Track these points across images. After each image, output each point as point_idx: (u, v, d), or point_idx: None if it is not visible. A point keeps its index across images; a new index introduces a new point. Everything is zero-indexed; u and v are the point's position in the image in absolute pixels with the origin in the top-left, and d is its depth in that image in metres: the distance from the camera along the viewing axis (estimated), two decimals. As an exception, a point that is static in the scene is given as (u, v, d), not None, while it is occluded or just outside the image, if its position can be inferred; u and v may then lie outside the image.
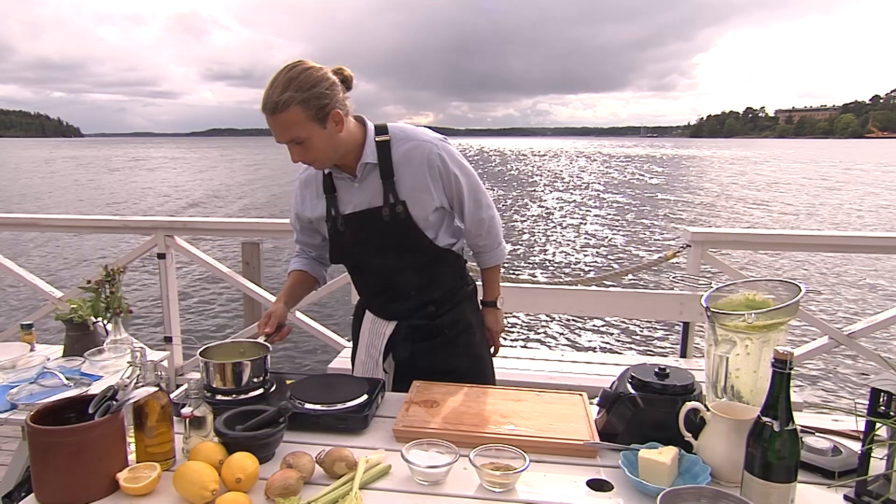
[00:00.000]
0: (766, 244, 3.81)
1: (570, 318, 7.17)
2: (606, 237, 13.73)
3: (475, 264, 1.93)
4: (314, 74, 1.47)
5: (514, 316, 7.11)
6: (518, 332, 6.92)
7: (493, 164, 46.99)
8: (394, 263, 1.71)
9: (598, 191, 24.86)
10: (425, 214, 1.64)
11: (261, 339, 1.64)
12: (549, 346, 6.56)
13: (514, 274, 9.50)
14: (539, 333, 6.97)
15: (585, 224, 15.58)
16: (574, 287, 3.51)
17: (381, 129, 1.64)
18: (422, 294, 1.76)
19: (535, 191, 24.89)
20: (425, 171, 1.63)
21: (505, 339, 2.03)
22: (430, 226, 1.67)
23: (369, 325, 1.83)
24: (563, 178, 31.93)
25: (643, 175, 35.11)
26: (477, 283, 1.92)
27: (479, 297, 1.93)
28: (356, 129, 1.62)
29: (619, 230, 14.73)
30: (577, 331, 7.00)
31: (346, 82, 1.56)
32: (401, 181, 1.62)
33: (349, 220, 1.68)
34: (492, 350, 1.95)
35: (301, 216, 1.80)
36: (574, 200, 21.21)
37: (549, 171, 39.10)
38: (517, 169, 41.35)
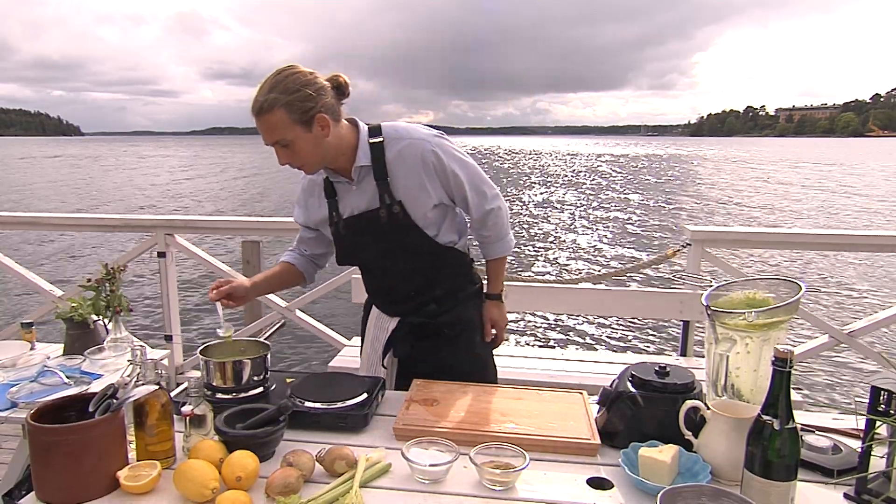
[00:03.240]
0: (767, 243, 3.81)
1: (570, 316, 7.17)
2: (606, 236, 13.73)
3: (481, 264, 1.91)
4: (301, 79, 1.49)
5: (514, 314, 7.11)
6: (518, 331, 6.92)
7: (493, 163, 46.97)
8: (394, 264, 1.72)
9: (598, 190, 24.84)
10: (423, 212, 1.64)
11: (211, 296, 1.65)
12: (549, 345, 6.56)
13: (514, 272, 9.50)
14: (539, 332, 6.97)
15: (585, 222, 15.58)
16: (574, 285, 3.51)
17: (375, 131, 1.64)
18: (422, 293, 1.76)
19: (534, 190, 24.89)
20: (420, 169, 1.62)
21: (507, 337, 2.02)
22: (430, 223, 1.66)
23: (374, 319, 1.86)
24: (563, 177, 31.91)
25: (643, 174, 35.10)
26: (484, 281, 1.91)
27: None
28: (349, 133, 1.62)
29: (619, 229, 14.72)
30: (577, 329, 6.99)
31: (341, 88, 1.57)
32: (396, 181, 1.62)
33: (349, 224, 1.69)
34: (492, 343, 1.93)
35: (305, 219, 1.83)
36: (574, 199, 21.21)
37: (549, 170, 39.07)
38: (517, 168, 41.34)
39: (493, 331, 1.91)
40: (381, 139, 1.63)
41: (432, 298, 1.77)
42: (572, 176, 33.18)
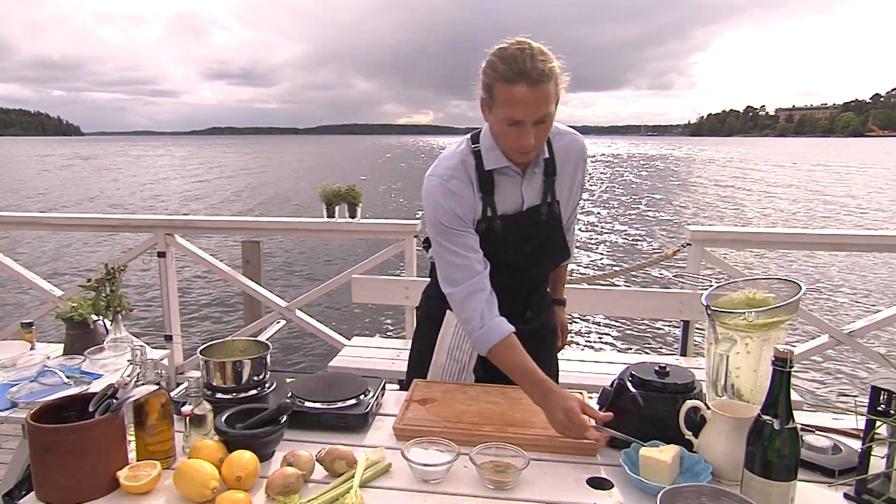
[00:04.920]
0: (767, 243, 3.81)
1: (571, 316, 7.16)
2: (606, 236, 13.73)
3: None
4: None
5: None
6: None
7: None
8: (532, 262, 1.60)
9: (598, 190, 24.84)
10: (569, 212, 1.60)
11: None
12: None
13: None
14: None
15: (585, 223, 15.58)
16: (574, 285, 3.51)
17: None
18: (532, 294, 1.69)
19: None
20: (580, 165, 1.58)
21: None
22: (567, 227, 1.63)
23: (454, 327, 1.68)
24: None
25: (644, 174, 35.10)
26: None
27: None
28: None
29: (618, 229, 14.73)
30: (577, 329, 7.00)
31: None
32: (560, 178, 1.56)
33: (509, 220, 1.53)
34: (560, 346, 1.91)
35: (470, 220, 1.51)
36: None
37: (549, 169, 39.02)
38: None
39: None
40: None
41: (531, 305, 1.70)
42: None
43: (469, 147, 1.52)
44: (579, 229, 14.52)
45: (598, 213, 17.60)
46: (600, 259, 11.27)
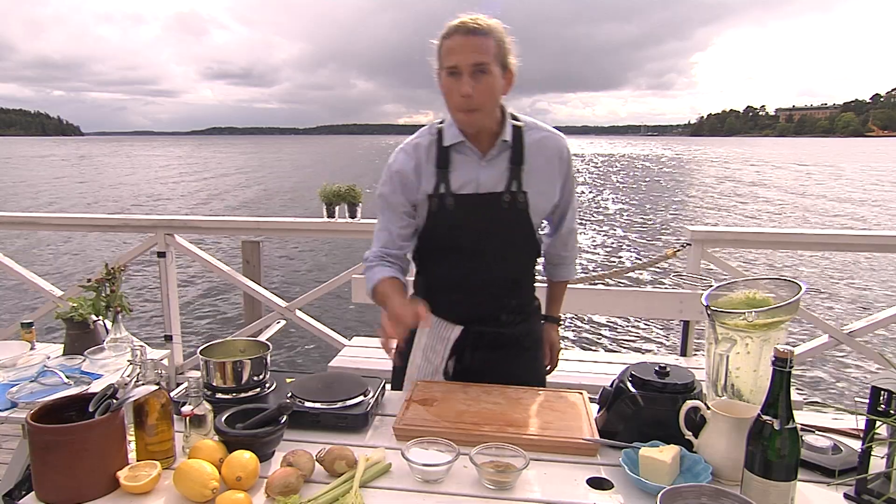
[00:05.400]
0: (766, 243, 3.81)
1: (570, 316, 7.17)
2: (606, 236, 13.73)
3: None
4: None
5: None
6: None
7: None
8: (493, 255, 1.60)
9: (598, 190, 24.84)
10: (541, 209, 1.60)
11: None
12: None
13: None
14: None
15: (585, 223, 15.58)
16: (574, 285, 3.51)
17: (514, 116, 1.61)
18: (504, 296, 1.67)
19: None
20: (556, 163, 1.60)
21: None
22: (537, 224, 1.62)
23: (428, 328, 1.69)
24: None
25: (644, 174, 35.09)
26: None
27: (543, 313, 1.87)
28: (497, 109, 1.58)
29: (618, 229, 14.73)
30: (576, 329, 7.00)
31: None
32: (528, 170, 1.57)
33: (462, 200, 1.56)
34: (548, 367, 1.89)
35: (405, 199, 1.60)
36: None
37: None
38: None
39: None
40: (520, 124, 1.59)
41: (507, 308, 1.69)
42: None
43: (436, 125, 1.61)
44: (580, 230, 14.52)
45: (598, 213, 17.60)
46: (600, 259, 11.27)
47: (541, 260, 1.77)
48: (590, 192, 23.92)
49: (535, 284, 1.78)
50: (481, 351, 1.68)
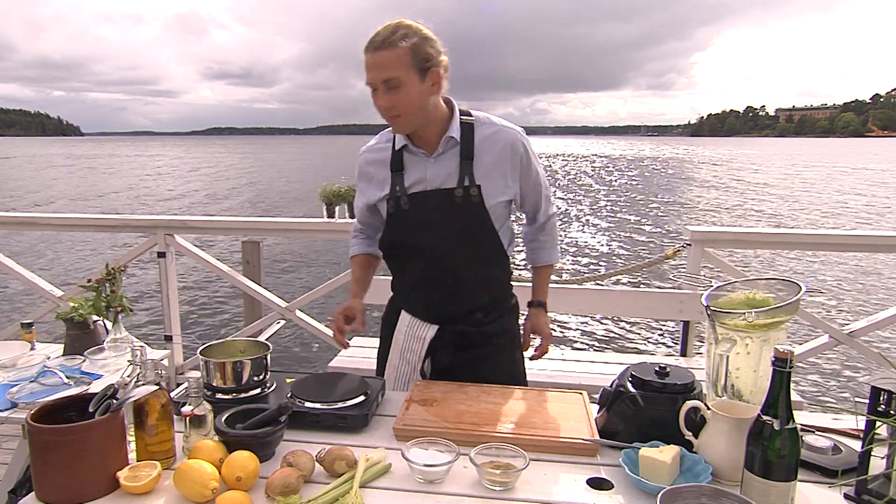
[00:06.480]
0: (766, 243, 3.81)
1: (571, 316, 7.17)
2: (606, 236, 13.73)
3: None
4: (427, 32, 1.50)
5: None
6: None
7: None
8: (456, 252, 1.62)
9: (598, 190, 24.85)
10: (496, 202, 1.61)
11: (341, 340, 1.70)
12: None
13: (514, 272, 9.48)
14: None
15: (585, 223, 15.58)
16: (574, 285, 3.52)
17: (466, 112, 1.63)
18: (475, 294, 1.69)
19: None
20: (507, 156, 1.61)
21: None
22: (496, 217, 1.62)
23: (406, 327, 1.73)
24: (563, 178, 31.90)
25: (644, 174, 35.10)
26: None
27: (527, 300, 1.89)
28: (443, 107, 1.59)
29: (619, 229, 14.73)
30: (577, 329, 7.00)
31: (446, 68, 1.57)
32: (480, 164, 1.58)
33: (416, 199, 1.60)
34: (528, 354, 1.87)
35: (366, 199, 1.73)
36: (574, 200, 21.21)
37: (548, 170, 39.07)
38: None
39: (537, 341, 1.86)
40: (472, 119, 1.61)
41: (480, 306, 1.70)
42: (572, 176, 33.16)
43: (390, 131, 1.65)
44: (579, 229, 14.52)
45: (598, 213, 17.60)
46: (600, 259, 11.27)
47: (523, 253, 1.85)
48: (590, 192, 23.93)
49: (513, 283, 1.81)
50: (458, 351, 1.70)
